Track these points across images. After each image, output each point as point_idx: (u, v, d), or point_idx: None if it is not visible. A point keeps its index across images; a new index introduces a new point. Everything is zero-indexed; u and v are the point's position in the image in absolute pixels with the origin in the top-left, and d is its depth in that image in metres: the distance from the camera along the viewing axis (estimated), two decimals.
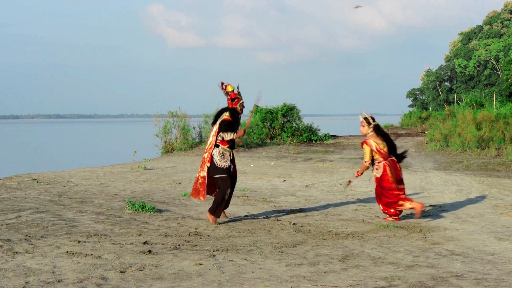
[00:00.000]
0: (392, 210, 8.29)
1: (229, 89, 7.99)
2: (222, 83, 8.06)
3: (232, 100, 7.95)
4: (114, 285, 4.96)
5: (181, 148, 22.88)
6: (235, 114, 7.92)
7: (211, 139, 7.96)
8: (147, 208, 8.92)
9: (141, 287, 4.93)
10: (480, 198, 10.63)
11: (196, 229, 7.72)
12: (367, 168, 8.40)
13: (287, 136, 26.48)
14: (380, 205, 8.43)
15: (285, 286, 4.99)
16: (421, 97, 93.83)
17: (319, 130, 29.02)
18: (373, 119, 8.55)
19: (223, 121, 7.89)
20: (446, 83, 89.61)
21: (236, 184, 12.54)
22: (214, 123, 8.07)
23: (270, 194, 10.92)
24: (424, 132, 33.99)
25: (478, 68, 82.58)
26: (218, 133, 7.89)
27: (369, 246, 6.60)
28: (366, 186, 12.33)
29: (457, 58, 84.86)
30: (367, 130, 8.47)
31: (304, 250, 6.41)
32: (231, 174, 8.02)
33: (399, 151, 8.67)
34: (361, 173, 8.51)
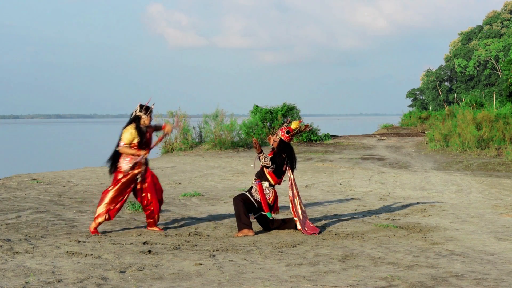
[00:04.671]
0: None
1: (293, 126, 7.66)
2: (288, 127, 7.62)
3: (287, 132, 7.64)
4: (114, 285, 4.96)
5: (181, 148, 22.90)
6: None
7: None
8: None
9: (141, 287, 4.93)
10: (480, 198, 10.64)
11: (196, 229, 7.72)
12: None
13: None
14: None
15: (285, 286, 4.98)
16: (421, 97, 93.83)
17: (319, 130, 29.03)
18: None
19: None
20: (446, 83, 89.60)
21: (236, 184, 12.58)
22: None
23: None
24: (424, 132, 34.00)
25: (478, 68, 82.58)
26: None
27: (369, 246, 6.60)
28: (366, 186, 12.34)
29: (457, 58, 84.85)
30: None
31: (304, 250, 6.41)
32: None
33: None
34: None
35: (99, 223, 7.32)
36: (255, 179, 7.55)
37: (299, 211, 7.46)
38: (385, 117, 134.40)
